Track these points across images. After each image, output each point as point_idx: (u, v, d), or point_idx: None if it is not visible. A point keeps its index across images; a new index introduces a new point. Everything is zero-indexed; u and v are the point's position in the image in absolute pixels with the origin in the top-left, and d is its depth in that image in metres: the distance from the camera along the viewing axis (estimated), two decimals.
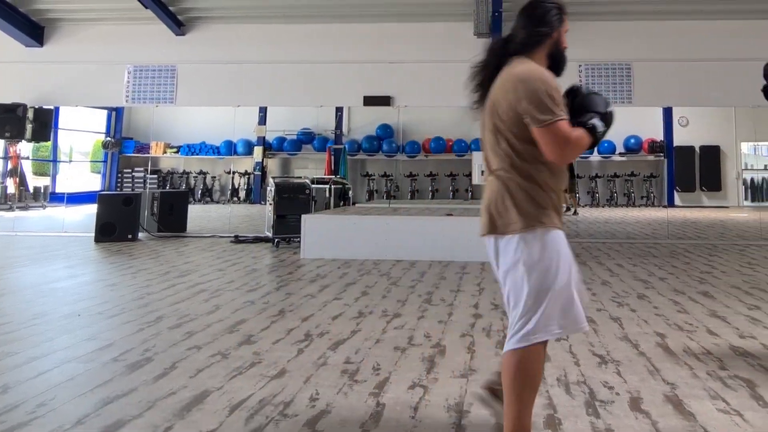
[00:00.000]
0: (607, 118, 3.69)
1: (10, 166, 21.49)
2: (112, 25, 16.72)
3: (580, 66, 15.38)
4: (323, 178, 16.87)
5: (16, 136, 15.94)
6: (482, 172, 14.96)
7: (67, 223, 16.03)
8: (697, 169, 25.53)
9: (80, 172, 24.79)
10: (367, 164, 23.97)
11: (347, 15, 16.03)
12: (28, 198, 22.28)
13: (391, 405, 4.33)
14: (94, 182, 24.48)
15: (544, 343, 3.56)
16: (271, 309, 7.32)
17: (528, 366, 3.51)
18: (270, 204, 14.05)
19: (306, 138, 25.88)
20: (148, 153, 23.73)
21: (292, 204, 13.42)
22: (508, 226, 3.55)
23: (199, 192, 26.10)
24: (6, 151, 21.73)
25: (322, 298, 7.95)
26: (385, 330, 6.36)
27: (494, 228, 3.62)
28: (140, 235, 14.58)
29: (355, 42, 16.01)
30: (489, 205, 3.66)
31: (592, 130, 3.58)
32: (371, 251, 11.49)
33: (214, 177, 26.58)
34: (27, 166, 23.59)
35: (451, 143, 25.10)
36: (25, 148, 21.36)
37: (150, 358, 5.33)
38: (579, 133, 3.52)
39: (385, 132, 25.13)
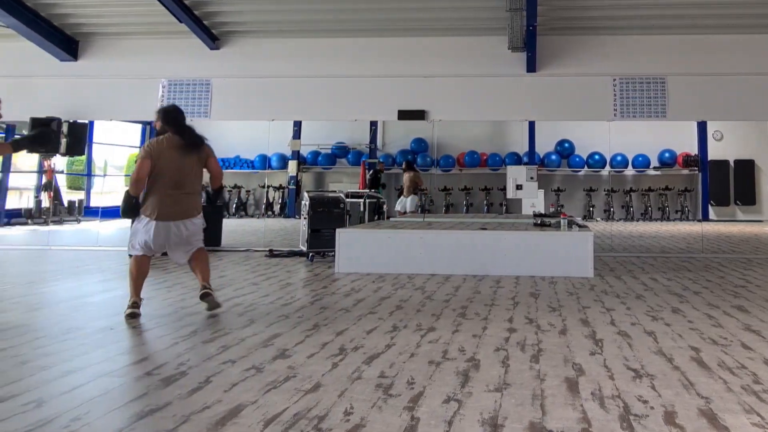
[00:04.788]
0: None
1: (44, 180, 21.71)
2: (147, 39, 16.75)
3: (614, 80, 15.32)
4: (358, 192, 16.69)
5: (51, 150, 16.00)
6: (517, 186, 14.98)
7: (101, 237, 16.16)
8: (732, 183, 25.46)
9: (115, 186, 24.85)
10: (402, 178, 23.89)
11: (382, 29, 16.00)
12: (62, 212, 22.45)
13: (425, 419, 4.29)
14: None
15: None
16: (306, 323, 7.30)
17: None
18: (304, 218, 13.96)
19: (340, 152, 25.92)
20: None
21: (327, 218, 13.40)
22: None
23: (234, 206, 26.17)
24: (41, 166, 21.96)
25: (357, 312, 7.92)
26: (419, 344, 6.32)
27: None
28: None
29: (390, 56, 15.98)
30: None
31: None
32: (406, 265, 11.43)
33: (249, 191, 26.66)
34: (61, 181, 23.85)
35: (485, 157, 25.14)
36: (59, 162, 21.55)
37: (184, 372, 5.30)
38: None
39: (420, 146, 25.20)
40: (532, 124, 22.14)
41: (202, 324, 7.23)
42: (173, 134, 7.78)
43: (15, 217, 21.59)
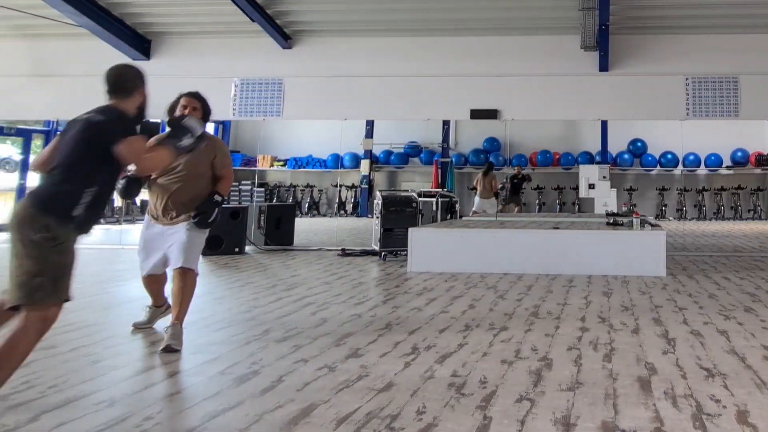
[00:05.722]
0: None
1: None
2: (219, 39, 16.81)
3: (687, 79, 15.19)
4: (430, 192, 16.75)
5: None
6: (590, 185, 14.93)
7: None
8: None
9: None
10: (474, 177, 23.80)
11: (453, 29, 15.98)
12: (134, 211, 22.75)
13: (498, 418, 4.30)
14: None
15: None
16: (378, 322, 7.31)
17: None
18: (377, 217, 14.04)
19: (413, 151, 26.09)
20: (255, 166, 23.75)
21: (399, 217, 13.45)
22: None
23: (306, 205, 26.39)
24: None
25: (429, 312, 7.93)
26: (491, 343, 6.33)
27: None
28: (247, 248, 14.74)
29: (462, 55, 15.90)
30: None
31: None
32: (478, 264, 11.41)
33: (321, 190, 26.86)
34: None
35: (557, 156, 25.16)
36: None
37: (257, 372, 5.32)
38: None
39: (492, 145, 25.25)
40: (604, 124, 22.12)
41: (274, 323, 7.26)
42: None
43: None
